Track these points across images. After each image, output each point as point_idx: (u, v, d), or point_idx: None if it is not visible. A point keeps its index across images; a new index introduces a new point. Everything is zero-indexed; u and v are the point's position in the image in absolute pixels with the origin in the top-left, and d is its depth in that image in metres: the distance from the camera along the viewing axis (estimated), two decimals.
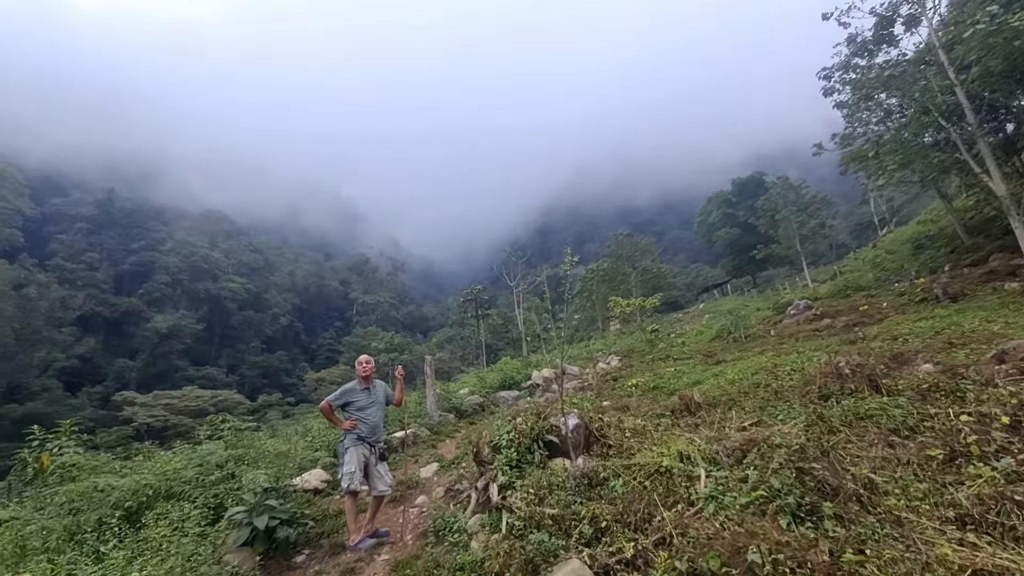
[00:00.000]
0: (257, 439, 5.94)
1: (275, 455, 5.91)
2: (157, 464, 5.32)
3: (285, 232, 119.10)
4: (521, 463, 3.99)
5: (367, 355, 5.05)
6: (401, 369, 5.27)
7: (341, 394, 4.75)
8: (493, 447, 4.30)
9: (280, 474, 5.22)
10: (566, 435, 4.26)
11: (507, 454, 4.00)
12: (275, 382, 68.90)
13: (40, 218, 74.04)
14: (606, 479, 3.30)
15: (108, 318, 66.77)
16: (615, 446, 4.29)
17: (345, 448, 4.56)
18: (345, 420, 4.68)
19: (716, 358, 11.30)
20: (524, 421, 4.42)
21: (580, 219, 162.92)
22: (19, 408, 46.93)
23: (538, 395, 10.74)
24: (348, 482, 4.41)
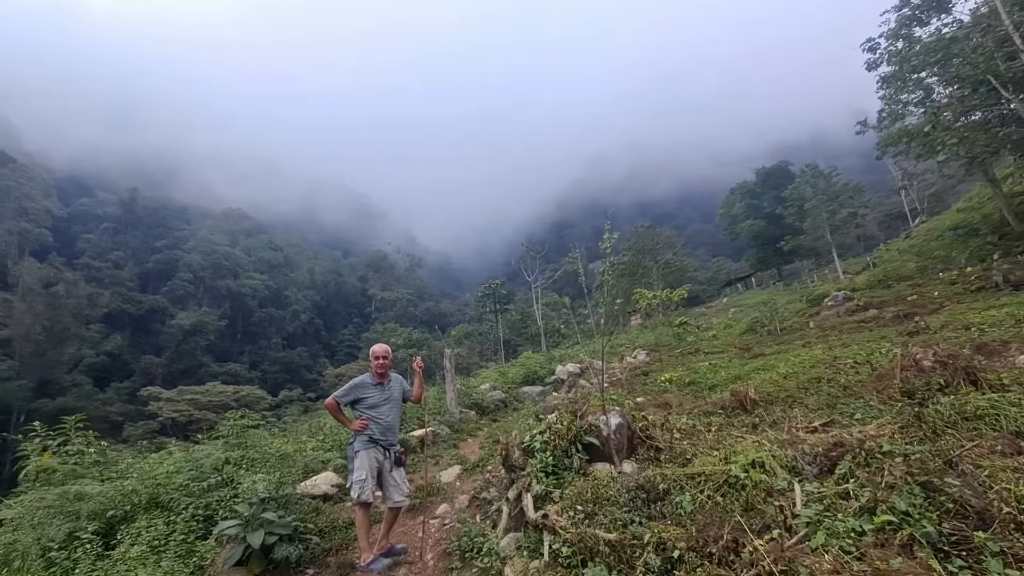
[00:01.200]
0: (261, 439, 5.43)
1: (280, 457, 5.33)
2: (147, 466, 4.81)
3: (303, 228, 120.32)
4: (558, 469, 3.47)
5: (384, 344, 4.35)
6: (420, 360, 4.52)
7: (350, 389, 4.12)
8: (524, 450, 3.78)
9: (283, 479, 4.61)
10: (608, 436, 3.71)
11: (541, 458, 3.48)
12: (296, 378, 69.57)
13: (68, 218, 75.92)
14: (667, 492, 2.74)
15: (134, 315, 68.14)
16: (664, 449, 3.73)
17: (355, 452, 3.95)
18: (355, 419, 4.05)
19: (752, 351, 10.62)
20: (558, 420, 3.88)
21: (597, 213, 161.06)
22: (51, 403, 48.08)
23: (563, 391, 10.18)
24: (358, 492, 3.81)
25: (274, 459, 5.18)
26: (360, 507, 3.86)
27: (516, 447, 3.79)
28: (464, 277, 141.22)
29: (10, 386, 46.27)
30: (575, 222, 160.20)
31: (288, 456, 5.49)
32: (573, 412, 4.02)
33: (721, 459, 3.10)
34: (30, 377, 48.52)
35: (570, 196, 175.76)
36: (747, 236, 52.03)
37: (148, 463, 4.94)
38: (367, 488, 3.82)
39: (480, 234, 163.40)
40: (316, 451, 6.02)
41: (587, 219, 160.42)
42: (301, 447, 6.03)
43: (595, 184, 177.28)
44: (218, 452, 4.61)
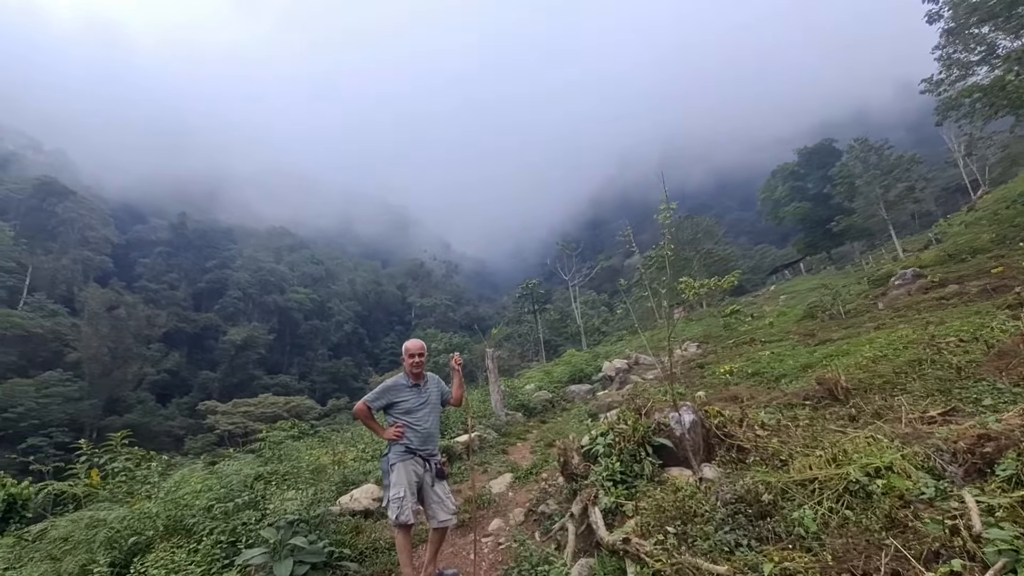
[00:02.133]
0: (295, 451, 5.12)
1: (315, 470, 4.99)
2: (172, 485, 4.36)
3: (342, 241, 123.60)
4: (626, 476, 3.01)
5: (418, 340, 3.79)
6: (458, 357, 3.91)
7: (382, 392, 3.58)
8: (585, 454, 3.33)
9: (318, 496, 4.12)
10: (682, 436, 3.23)
11: (606, 464, 3.03)
12: (343, 386, 71.20)
13: (125, 244, 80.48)
14: (775, 504, 2.24)
15: (189, 333, 71.45)
16: (751, 450, 3.19)
17: (390, 465, 3.40)
18: (388, 427, 3.54)
19: (817, 337, 9.77)
20: (620, 419, 3.42)
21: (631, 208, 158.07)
22: (119, 420, 50.79)
23: (614, 387, 9.64)
24: (397, 511, 3.27)
25: (308, 473, 4.82)
26: (400, 529, 3.33)
27: (575, 452, 3.35)
28: (500, 280, 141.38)
29: (82, 405, 49.11)
30: (609, 219, 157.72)
31: (324, 469, 5.13)
32: (636, 410, 3.54)
33: (828, 460, 2.56)
34: (99, 396, 51.43)
35: (603, 193, 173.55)
36: (792, 220, 49.59)
37: (174, 481, 4.51)
38: (406, 507, 3.28)
39: (513, 237, 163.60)
40: (356, 461, 5.68)
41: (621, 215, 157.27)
42: (340, 458, 5.69)
43: (628, 179, 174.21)
44: (247, 468, 4.31)
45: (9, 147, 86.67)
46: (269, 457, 4.77)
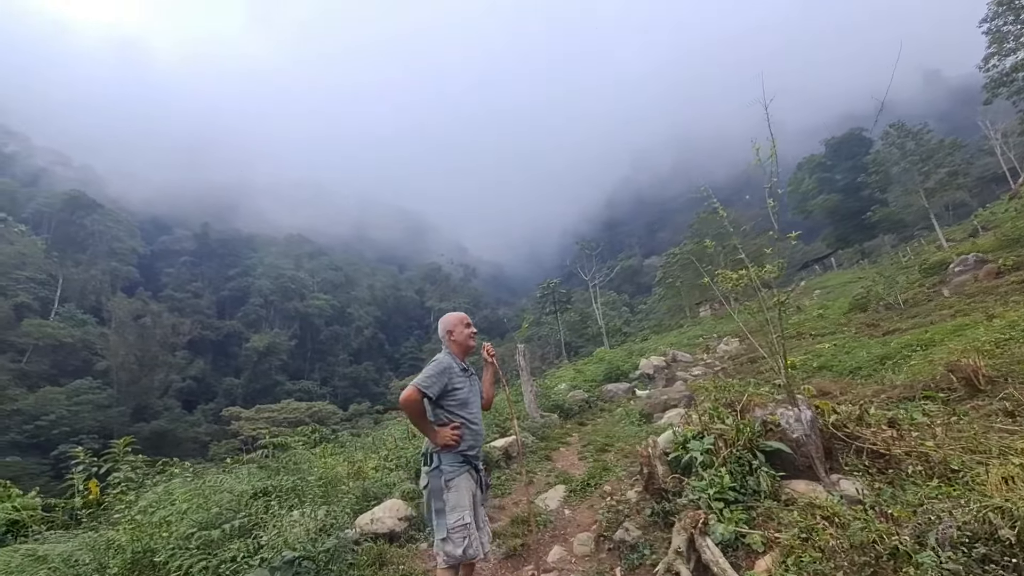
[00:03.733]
0: (306, 460, 4.35)
1: (329, 483, 4.09)
2: (148, 505, 3.40)
3: (359, 247, 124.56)
4: (737, 492, 2.27)
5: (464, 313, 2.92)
6: (491, 347, 3.02)
7: (438, 374, 2.59)
8: (672, 463, 2.61)
9: (331, 518, 3.30)
10: (799, 439, 2.49)
11: (711, 478, 2.30)
12: (364, 391, 71.25)
13: (150, 255, 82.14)
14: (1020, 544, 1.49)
15: (214, 341, 72.39)
16: (890, 455, 2.44)
17: (448, 479, 2.52)
18: (443, 426, 2.59)
19: (883, 328, 8.85)
20: (714, 418, 2.70)
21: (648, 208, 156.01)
22: (146, 427, 51.58)
23: (658, 385, 8.86)
24: (463, 544, 2.42)
25: (318, 488, 3.92)
26: (457, 570, 2.49)
27: (659, 460, 2.63)
28: (517, 284, 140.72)
29: (111, 412, 49.89)
30: (626, 219, 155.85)
31: (339, 482, 4.32)
32: (728, 405, 2.81)
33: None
34: (127, 403, 52.23)
35: (618, 194, 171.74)
36: (821, 214, 47.96)
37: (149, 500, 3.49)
38: (474, 537, 2.44)
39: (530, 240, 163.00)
40: (378, 471, 4.89)
41: (638, 215, 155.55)
42: (359, 467, 4.88)
43: (643, 179, 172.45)
44: (243, 483, 3.58)
45: (40, 163, 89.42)
46: (274, 468, 4.01)
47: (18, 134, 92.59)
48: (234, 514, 3.08)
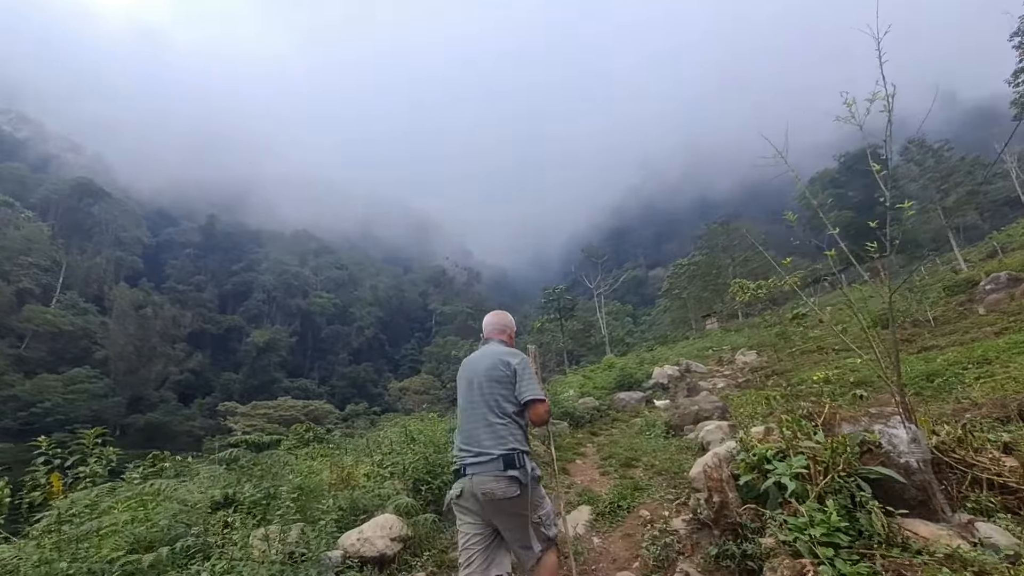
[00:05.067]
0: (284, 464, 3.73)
1: (310, 492, 3.43)
2: (76, 513, 2.80)
3: (365, 246, 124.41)
4: (855, 535, 1.72)
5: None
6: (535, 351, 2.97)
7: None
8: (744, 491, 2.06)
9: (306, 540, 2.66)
10: (908, 465, 1.94)
11: (811, 513, 1.75)
12: (363, 392, 70.63)
13: (155, 246, 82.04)
14: None
15: (214, 334, 72.02)
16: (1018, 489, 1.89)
17: (536, 475, 2.34)
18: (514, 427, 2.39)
19: (919, 344, 8.30)
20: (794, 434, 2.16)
21: (655, 218, 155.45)
22: (141, 418, 51.15)
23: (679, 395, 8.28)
24: (555, 528, 2.37)
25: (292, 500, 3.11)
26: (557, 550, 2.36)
27: (729, 485, 2.08)
28: (521, 289, 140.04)
29: (107, 402, 49.50)
30: (633, 228, 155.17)
31: (320, 493, 3.61)
32: (807, 417, 2.27)
33: None
34: (123, 394, 51.82)
35: (626, 203, 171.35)
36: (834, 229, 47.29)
37: (83, 504, 2.86)
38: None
39: (535, 246, 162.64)
40: (371, 480, 4.14)
41: (645, 225, 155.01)
42: (348, 473, 4.11)
43: (651, 189, 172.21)
44: (199, 491, 3.00)
45: (52, 150, 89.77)
46: (245, 472, 3.40)
47: (33, 120, 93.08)
48: (186, 529, 2.48)
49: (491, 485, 2.17)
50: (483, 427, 2.29)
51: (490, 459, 2.21)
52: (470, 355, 2.66)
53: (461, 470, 2.28)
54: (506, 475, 2.19)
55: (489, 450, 2.23)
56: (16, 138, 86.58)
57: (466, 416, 2.38)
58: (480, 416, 2.32)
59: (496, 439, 2.25)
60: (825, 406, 2.35)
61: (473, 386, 2.41)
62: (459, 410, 2.46)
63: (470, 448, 2.28)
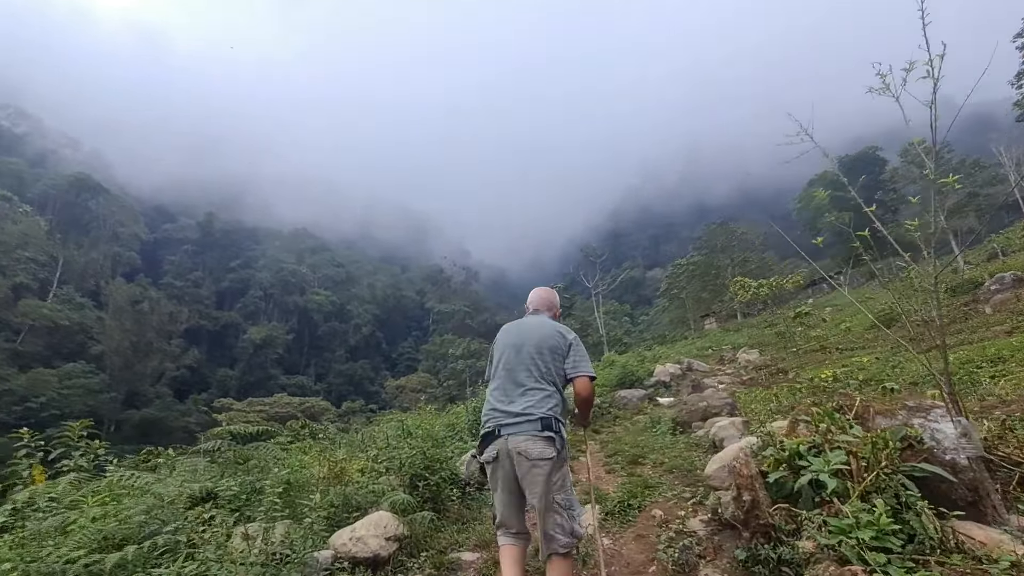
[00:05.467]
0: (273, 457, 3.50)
1: (298, 487, 3.25)
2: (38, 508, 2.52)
3: (362, 245, 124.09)
4: (904, 539, 1.54)
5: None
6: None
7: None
8: (774, 489, 1.88)
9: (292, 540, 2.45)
10: (964, 463, 1.76)
11: (853, 512, 1.58)
12: (359, 389, 70.42)
13: (153, 242, 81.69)
14: None
15: (211, 331, 71.74)
16: None
17: (567, 454, 2.38)
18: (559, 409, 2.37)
19: (926, 344, 8.15)
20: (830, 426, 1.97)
21: (653, 220, 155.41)
22: (137, 414, 50.87)
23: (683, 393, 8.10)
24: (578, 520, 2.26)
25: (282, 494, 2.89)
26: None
27: (757, 481, 1.90)
28: (519, 290, 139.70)
29: (103, 398, 49.23)
30: (630, 231, 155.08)
31: (309, 487, 3.41)
32: (840, 409, 2.09)
33: None
34: (119, 389, 51.55)
35: (624, 205, 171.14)
36: (831, 231, 47.35)
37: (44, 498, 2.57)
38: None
39: (533, 246, 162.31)
40: (365, 475, 3.90)
41: (643, 227, 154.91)
42: (341, 469, 3.84)
43: (649, 191, 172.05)
44: (175, 484, 2.75)
45: (50, 145, 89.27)
46: (231, 465, 3.18)
47: (31, 116, 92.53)
48: (160, 526, 2.31)
49: (526, 444, 2.14)
50: (527, 390, 2.25)
51: (527, 419, 2.17)
52: (518, 321, 2.62)
53: (495, 431, 2.22)
54: (543, 435, 2.15)
55: (529, 411, 2.19)
56: (14, 133, 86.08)
57: (508, 377, 2.32)
58: (526, 379, 2.28)
59: (538, 403, 2.22)
60: (856, 398, 2.17)
61: (523, 350, 2.35)
62: (499, 370, 2.39)
63: (508, 409, 2.23)
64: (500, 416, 2.24)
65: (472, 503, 3.82)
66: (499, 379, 2.36)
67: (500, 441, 2.20)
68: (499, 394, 2.32)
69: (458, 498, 3.64)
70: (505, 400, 2.27)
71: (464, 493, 3.87)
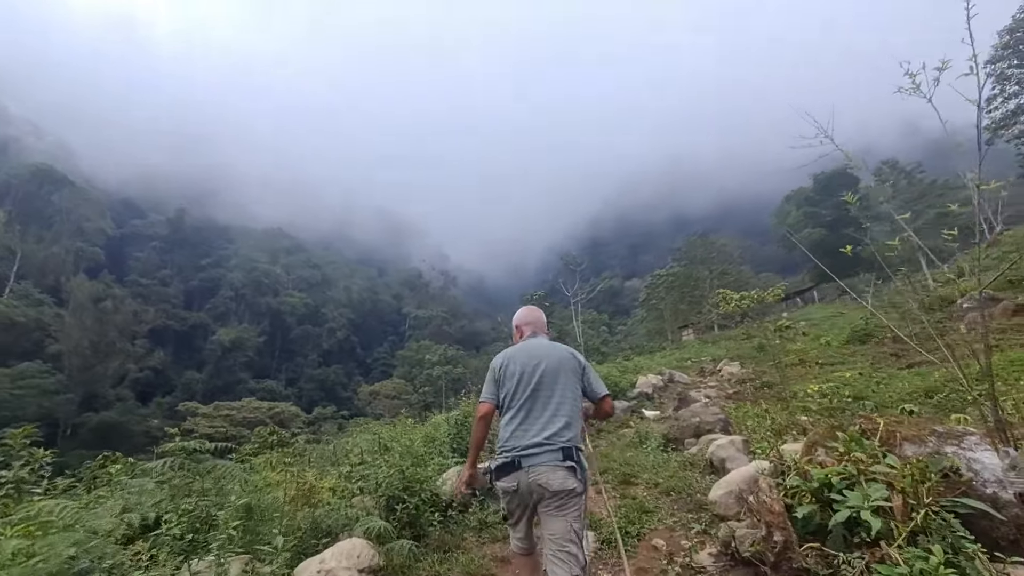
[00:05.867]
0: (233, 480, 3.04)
1: (263, 511, 2.82)
2: None
3: (339, 246, 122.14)
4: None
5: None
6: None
7: None
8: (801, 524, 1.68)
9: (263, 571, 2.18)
10: (1002, 499, 1.59)
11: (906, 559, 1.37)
12: (331, 395, 68.83)
13: (120, 238, 78.73)
14: None
15: (178, 331, 69.36)
16: None
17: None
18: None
19: (908, 359, 8.21)
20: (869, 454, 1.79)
21: (632, 230, 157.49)
22: (95, 417, 48.61)
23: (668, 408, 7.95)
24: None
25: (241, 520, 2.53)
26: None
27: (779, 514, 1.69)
28: (497, 296, 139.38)
29: (59, 399, 47.02)
30: (609, 240, 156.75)
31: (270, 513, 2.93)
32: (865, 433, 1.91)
33: None
34: (77, 391, 49.29)
35: (604, 214, 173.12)
36: (806, 246, 48.56)
37: None
38: None
39: (513, 253, 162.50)
40: (339, 497, 3.45)
41: (622, 237, 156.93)
42: (309, 488, 3.40)
43: (629, 201, 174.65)
44: (115, 512, 2.31)
45: (13, 132, 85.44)
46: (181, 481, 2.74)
47: None
48: (94, 564, 1.92)
49: (547, 476, 2.12)
50: (550, 419, 2.24)
51: (549, 449, 2.17)
52: (525, 345, 2.57)
53: (515, 463, 2.19)
54: (564, 465, 2.15)
55: (552, 440, 2.19)
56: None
57: (528, 406, 2.29)
58: (547, 407, 2.27)
59: (559, 431, 2.21)
60: (879, 421, 2.00)
61: (545, 376, 2.32)
62: (516, 398, 2.33)
63: (529, 439, 2.21)
64: (520, 447, 2.20)
65: (454, 528, 3.48)
66: (516, 406, 2.31)
67: (520, 473, 2.17)
68: (518, 423, 2.27)
69: (439, 523, 3.29)
70: (525, 429, 2.24)
71: (446, 516, 3.52)
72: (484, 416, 2.37)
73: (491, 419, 2.41)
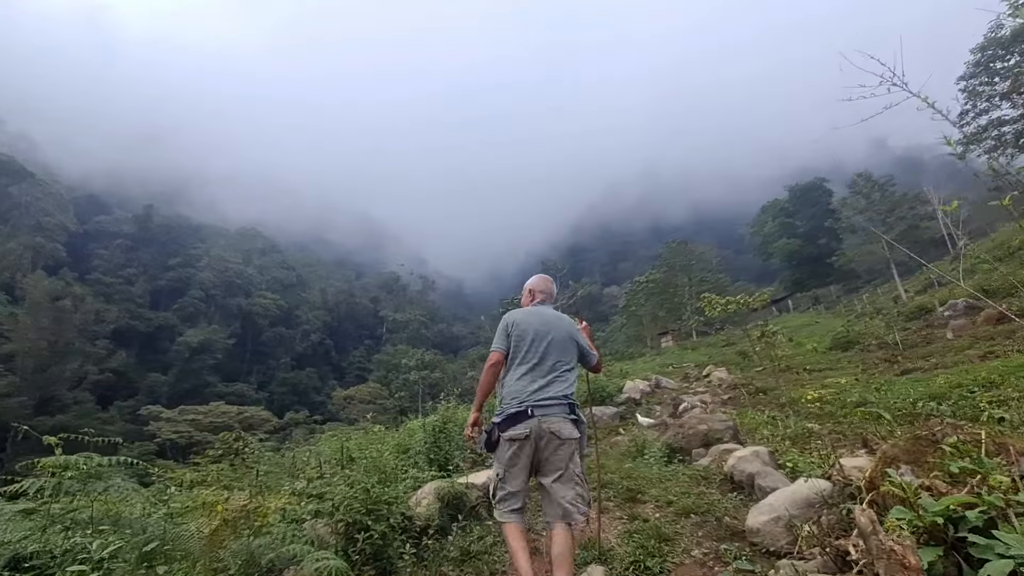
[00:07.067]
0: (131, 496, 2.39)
1: (182, 546, 2.16)
2: None
3: (316, 248, 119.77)
4: None
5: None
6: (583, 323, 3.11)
7: None
8: None
9: None
10: None
11: None
12: (304, 399, 66.97)
13: (83, 234, 75.52)
14: None
15: (143, 332, 66.68)
16: None
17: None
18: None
19: (902, 366, 7.98)
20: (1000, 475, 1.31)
21: (612, 238, 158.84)
22: (49, 420, 46.04)
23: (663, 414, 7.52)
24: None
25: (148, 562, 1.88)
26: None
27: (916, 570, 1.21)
28: (476, 301, 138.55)
29: (9, 403, 44.55)
30: (590, 247, 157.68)
31: (190, 549, 2.23)
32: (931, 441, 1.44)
33: None
34: (31, 394, 46.79)
35: (584, 221, 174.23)
36: (781, 256, 49.36)
37: None
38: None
39: (492, 259, 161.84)
40: (287, 522, 2.80)
41: (601, 244, 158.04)
42: (255, 509, 2.58)
43: (609, 209, 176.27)
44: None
45: None
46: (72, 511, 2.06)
47: None
48: None
49: (559, 425, 2.36)
50: (558, 376, 2.48)
51: (559, 403, 2.41)
52: (536, 309, 2.79)
53: (527, 411, 2.36)
54: (571, 418, 2.44)
55: (561, 394, 2.44)
56: None
57: (540, 362, 2.50)
58: (557, 366, 2.51)
59: (565, 388, 2.48)
60: (980, 432, 1.56)
61: (554, 339, 2.56)
62: (529, 354, 2.52)
63: (542, 392, 2.42)
64: (532, 397, 2.39)
65: (430, 560, 2.78)
66: (530, 363, 2.49)
67: (533, 421, 2.34)
68: (531, 377, 2.46)
69: (412, 554, 2.65)
70: (538, 383, 2.43)
71: (420, 546, 2.83)
72: (495, 364, 2.55)
73: (500, 368, 2.54)
